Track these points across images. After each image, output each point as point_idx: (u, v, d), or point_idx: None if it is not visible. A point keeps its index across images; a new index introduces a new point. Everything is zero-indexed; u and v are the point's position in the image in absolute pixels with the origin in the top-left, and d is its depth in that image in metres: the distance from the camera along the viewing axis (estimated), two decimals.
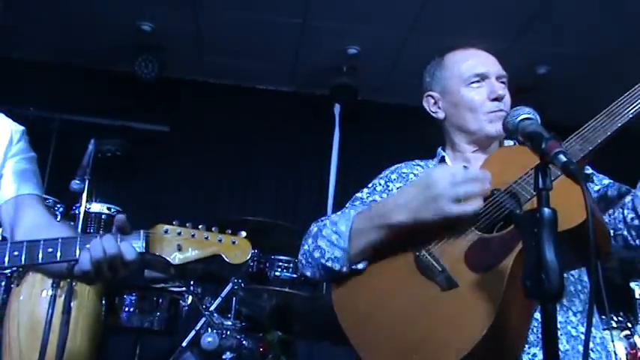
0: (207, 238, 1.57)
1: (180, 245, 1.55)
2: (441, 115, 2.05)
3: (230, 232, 1.60)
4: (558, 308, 1.63)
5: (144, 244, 1.54)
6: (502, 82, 1.96)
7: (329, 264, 1.74)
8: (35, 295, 3.36)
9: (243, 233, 1.61)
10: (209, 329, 3.65)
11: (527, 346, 1.62)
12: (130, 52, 5.49)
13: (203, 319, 3.73)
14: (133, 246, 1.52)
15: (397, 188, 1.96)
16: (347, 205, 2.01)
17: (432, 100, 2.07)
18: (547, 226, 1.25)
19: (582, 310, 1.71)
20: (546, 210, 1.26)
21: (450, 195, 1.56)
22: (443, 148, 2.10)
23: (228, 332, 3.65)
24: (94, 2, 5.07)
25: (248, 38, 5.46)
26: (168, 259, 1.54)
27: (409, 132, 4.28)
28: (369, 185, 2.06)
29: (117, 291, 3.87)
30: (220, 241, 1.58)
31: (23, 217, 1.81)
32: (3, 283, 3.42)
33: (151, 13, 5.22)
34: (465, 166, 1.63)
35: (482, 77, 1.95)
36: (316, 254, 1.77)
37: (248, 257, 1.59)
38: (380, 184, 2.04)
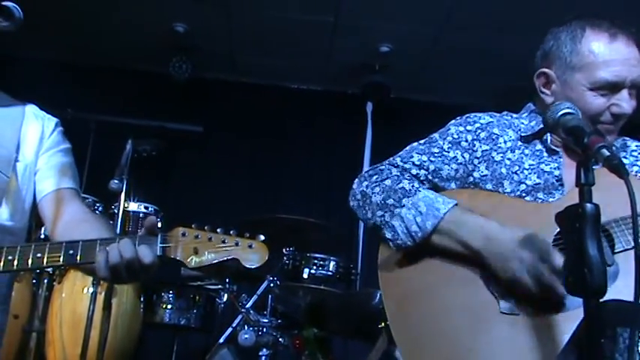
0: (224, 241, 1.55)
1: (197, 249, 1.53)
2: (548, 100, 1.79)
3: (248, 235, 1.57)
4: None
5: (161, 248, 1.54)
6: (633, 90, 1.71)
7: (393, 246, 1.68)
8: (76, 293, 3.44)
9: (262, 237, 1.57)
10: (245, 326, 3.67)
11: None
12: (165, 53, 5.56)
13: (240, 317, 3.76)
14: (150, 250, 1.52)
15: (483, 151, 1.81)
16: (422, 147, 1.87)
17: (544, 80, 1.81)
18: (589, 222, 1.24)
19: None
20: (589, 205, 1.25)
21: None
22: (534, 103, 1.91)
23: (265, 329, 3.66)
24: (129, 5, 5.15)
25: (280, 37, 5.48)
26: (184, 262, 1.54)
27: None
28: (454, 135, 1.85)
29: (154, 288, 3.94)
30: (237, 244, 1.55)
31: (63, 212, 1.84)
32: (45, 281, 3.50)
33: (184, 14, 5.27)
34: None
35: (615, 87, 1.69)
36: (387, 233, 1.69)
37: (264, 261, 1.56)
38: (466, 140, 1.84)
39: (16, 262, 1.56)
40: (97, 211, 3.76)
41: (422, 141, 1.90)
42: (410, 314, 1.65)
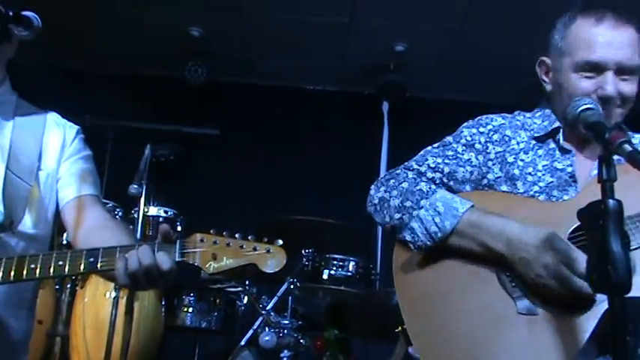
0: (242, 246, 1.56)
1: (216, 254, 1.55)
2: (548, 87, 1.81)
3: (266, 240, 1.59)
4: None
5: (180, 254, 1.56)
6: (625, 74, 1.68)
7: (414, 248, 1.68)
8: (99, 297, 3.47)
9: (280, 242, 1.58)
10: (266, 328, 3.69)
11: None
12: (180, 57, 5.59)
13: (260, 318, 3.77)
14: (169, 256, 1.54)
15: (496, 153, 1.81)
16: (436, 150, 1.87)
17: (545, 69, 1.83)
18: (613, 218, 1.23)
19: None
20: (611, 201, 1.24)
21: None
22: (547, 100, 1.89)
23: (286, 331, 3.67)
24: (144, 11, 5.18)
25: (295, 39, 5.48)
26: (203, 268, 1.55)
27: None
28: (468, 137, 1.86)
29: (175, 292, 3.96)
30: (255, 249, 1.56)
31: (84, 218, 1.87)
32: (68, 286, 3.53)
33: (199, 18, 5.30)
34: None
35: (597, 68, 1.67)
36: (407, 235, 1.69)
37: (282, 266, 1.57)
38: (480, 142, 1.85)
39: (38, 271, 1.58)
40: (117, 216, 3.79)
41: (436, 145, 1.91)
42: (426, 317, 1.64)
